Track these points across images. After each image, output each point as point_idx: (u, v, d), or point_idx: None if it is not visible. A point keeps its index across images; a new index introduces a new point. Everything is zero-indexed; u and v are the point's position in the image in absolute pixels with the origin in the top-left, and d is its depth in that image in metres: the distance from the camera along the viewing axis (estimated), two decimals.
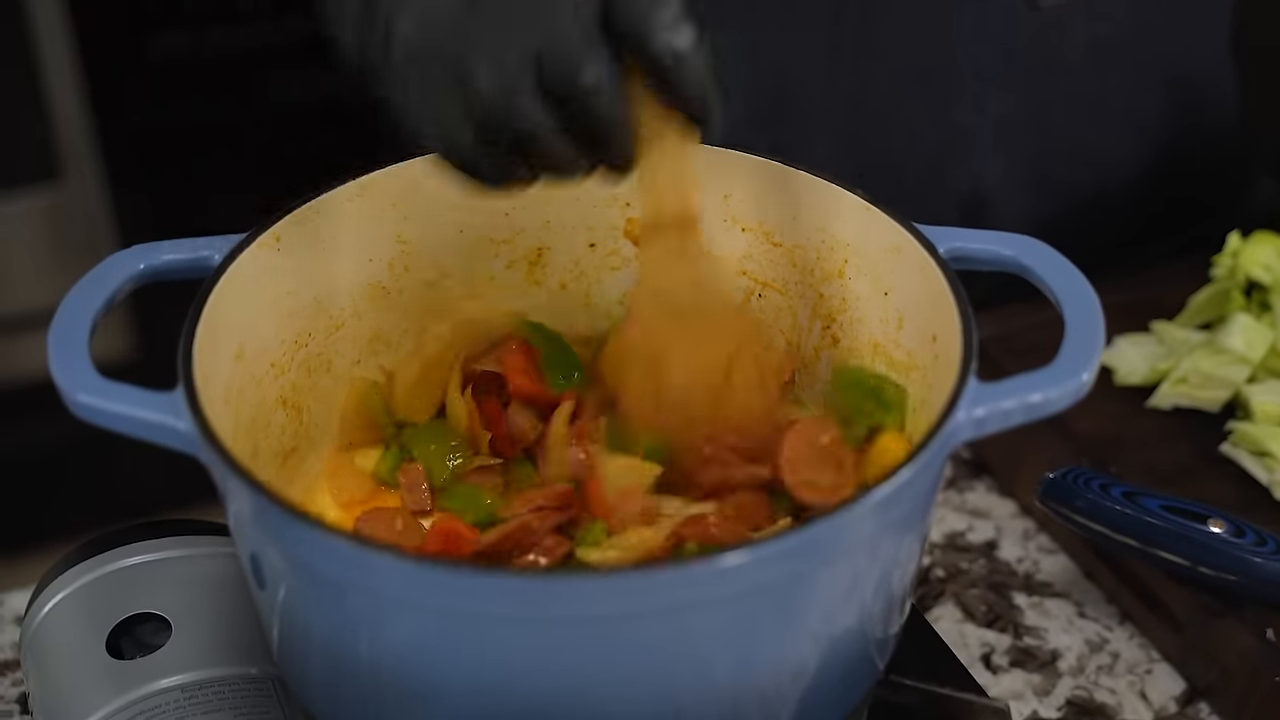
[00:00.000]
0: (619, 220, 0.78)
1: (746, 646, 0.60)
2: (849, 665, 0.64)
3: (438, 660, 0.59)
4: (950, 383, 0.63)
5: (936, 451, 0.60)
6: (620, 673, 0.59)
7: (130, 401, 0.61)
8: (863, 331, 0.74)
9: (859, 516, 0.58)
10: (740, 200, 0.76)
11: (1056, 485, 0.83)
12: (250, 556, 0.64)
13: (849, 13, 0.98)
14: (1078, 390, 0.62)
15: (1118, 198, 1.09)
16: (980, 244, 0.69)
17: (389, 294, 0.77)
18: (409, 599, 0.57)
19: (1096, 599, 0.87)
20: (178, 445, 0.61)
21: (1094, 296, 0.65)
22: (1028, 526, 0.92)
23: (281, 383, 0.73)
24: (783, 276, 0.77)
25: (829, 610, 0.61)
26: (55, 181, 2.05)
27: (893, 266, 0.71)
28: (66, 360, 0.63)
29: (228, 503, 0.63)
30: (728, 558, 0.55)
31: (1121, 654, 0.84)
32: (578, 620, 0.57)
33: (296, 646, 0.65)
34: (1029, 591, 0.88)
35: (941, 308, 0.66)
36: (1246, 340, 0.91)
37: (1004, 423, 0.61)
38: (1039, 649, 0.84)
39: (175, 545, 0.78)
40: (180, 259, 0.69)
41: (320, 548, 0.57)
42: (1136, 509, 0.81)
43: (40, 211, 2.08)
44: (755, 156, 0.75)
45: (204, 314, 0.65)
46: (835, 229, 0.73)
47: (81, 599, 0.75)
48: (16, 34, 1.93)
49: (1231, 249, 0.96)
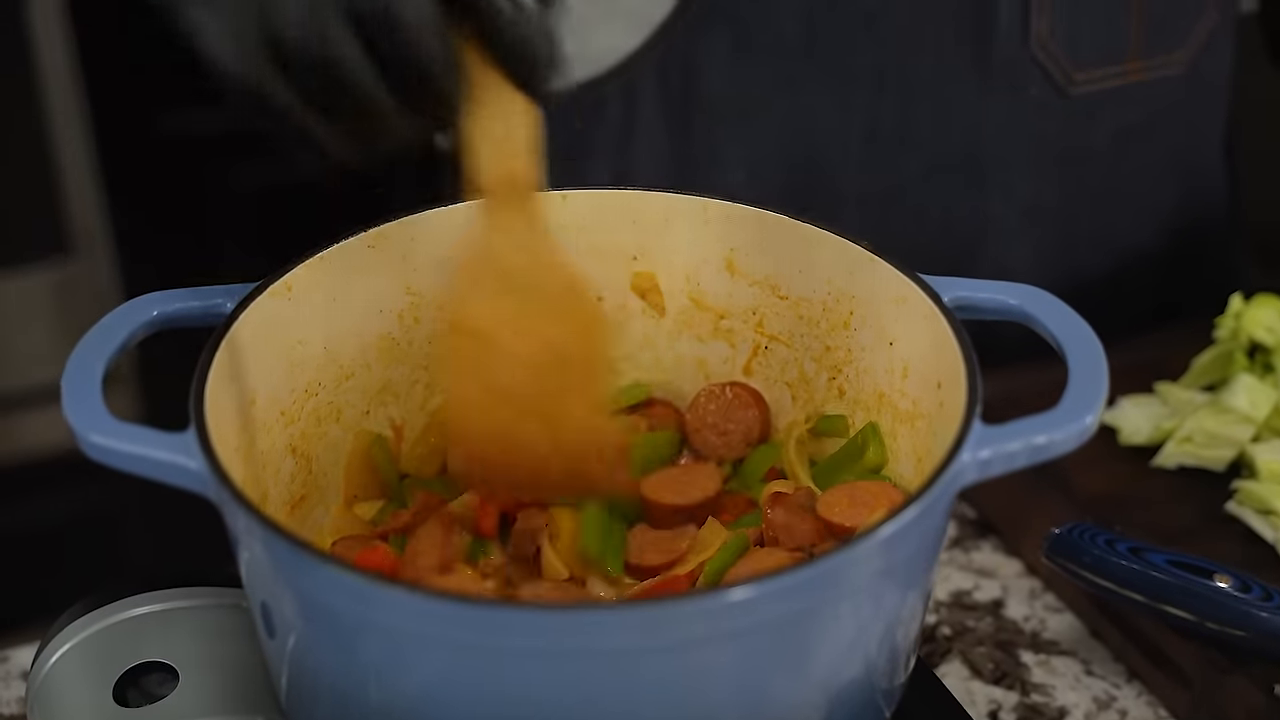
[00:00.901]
0: (626, 275, 0.79)
1: (754, 685, 0.60)
2: (855, 711, 0.64)
3: (449, 698, 0.59)
4: (956, 428, 0.63)
5: (942, 490, 0.60)
6: (633, 709, 0.59)
7: (143, 442, 0.62)
8: (868, 382, 0.75)
9: (866, 552, 0.58)
10: (746, 254, 0.77)
11: (1062, 541, 0.83)
12: (261, 604, 0.64)
13: (887, 102, 1.01)
14: (1081, 433, 0.62)
15: (1133, 283, 1.11)
16: (984, 293, 0.70)
17: (398, 345, 0.77)
18: (423, 633, 0.57)
19: (1103, 657, 0.87)
20: (189, 485, 0.62)
21: (1097, 342, 0.66)
22: (1034, 585, 0.92)
23: (291, 431, 0.73)
24: (789, 329, 0.77)
25: (836, 650, 0.61)
26: (65, 257, 2.07)
27: (898, 316, 0.72)
28: (80, 402, 0.63)
29: (238, 546, 0.63)
30: (736, 591, 0.55)
31: (1129, 711, 0.84)
32: (593, 653, 0.57)
33: (305, 693, 0.65)
34: (1036, 649, 0.88)
35: (946, 354, 0.67)
36: (1250, 400, 0.92)
37: (1008, 465, 0.62)
38: (1046, 706, 0.84)
39: (180, 596, 0.78)
40: (193, 306, 0.70)
41: (333, 583, 0.57)
42: (1142, 564, 0.81)
43: (50, 287, 2.10)
44: (760, 210, 0.76)
45: (216, 359, 0.66)
46: (841, 281, 0.74)
47: (87, 649, 0.75)
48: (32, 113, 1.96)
49: (1234, 311, 0.96)
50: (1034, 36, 0.99)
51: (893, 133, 1.02)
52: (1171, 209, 1.11)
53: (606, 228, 0.78)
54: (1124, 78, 1.03)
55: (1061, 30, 1.00)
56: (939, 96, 1.01)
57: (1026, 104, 1.02)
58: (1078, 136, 1.05)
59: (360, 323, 0.76)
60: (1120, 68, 1.03)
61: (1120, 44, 1.02)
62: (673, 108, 1.01)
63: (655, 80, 1.00)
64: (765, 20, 0.98)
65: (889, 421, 0.74)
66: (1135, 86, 1.04)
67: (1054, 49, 1.00)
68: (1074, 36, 1.01)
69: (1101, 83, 1.03)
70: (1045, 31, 0.99)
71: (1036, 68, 1.01)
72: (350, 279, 0.74)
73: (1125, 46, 1.02)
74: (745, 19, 0.98)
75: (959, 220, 1.05)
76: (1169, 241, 1.12)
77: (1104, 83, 1.03)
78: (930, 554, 0.64)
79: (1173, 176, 1.11)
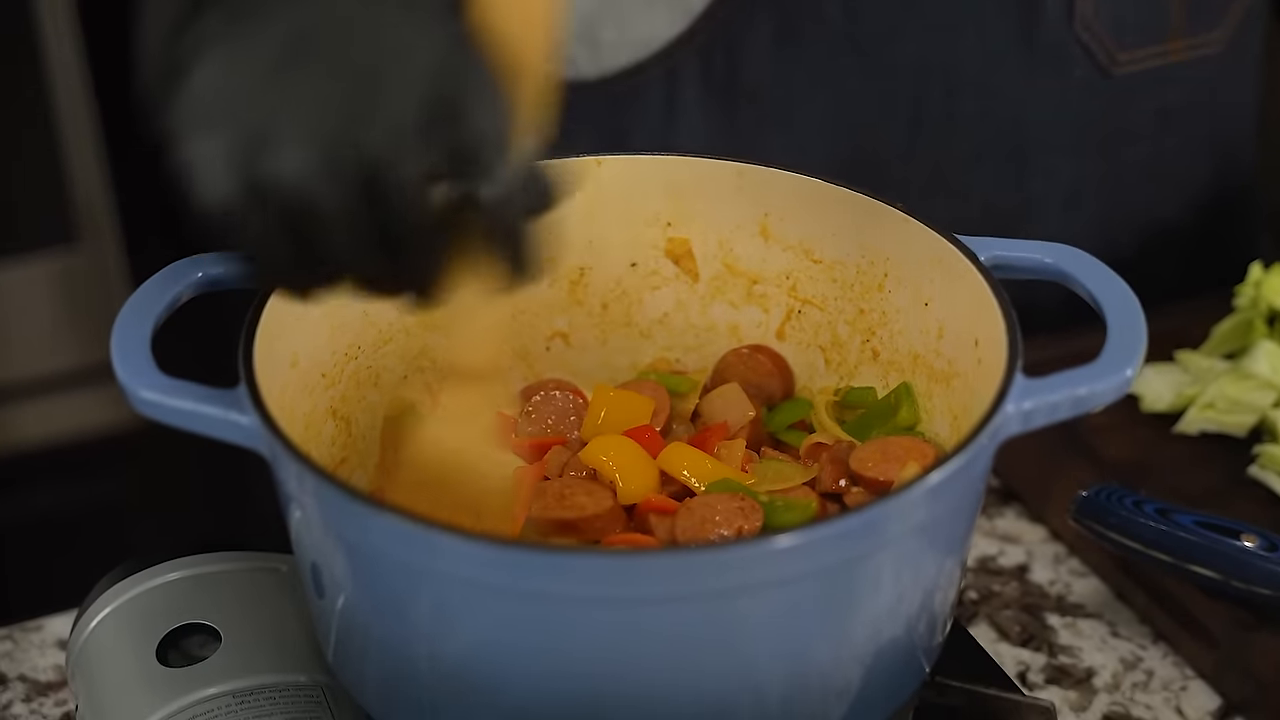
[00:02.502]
0: (661, 240, 0.80)
1: (803, 634, 0.61)
2: (898, 662, 0.65)
3: (500, 647, 0.60)
4: (996, 384, 0.64)
5: (988, 440, 0.61)
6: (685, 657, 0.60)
7: (193, 397, 0.62)
8: (902, 344, 0.76)
9: (912, 502, 0.59)
10: (779, 219, 0.78)
11: (1090, 503, 0.84)
12: (311, 564, 0.65)
13: (932, 89, 1.01)
14: (1121, 386, 0.63)
15: (1162, 259, 1.12)
16: (1021, 252, 0.71)
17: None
18: (479, 580, 0.58)
19: (1129, 619, 0.88)
20: (239, 440, 0.62)
21: (1133, 296, 0.67)
22: (1058, 550, 0.93)
23: (332, 394, 0.74)
24: (822, 293, 0.78)
25: (880, 602, 0.62)
26: (72, 245, 2.07)
27: (933, 277, 0.72)
28: (129, 360, 0.64)
29: (288, 504, 0.64)
30: (783, 539, 0.56)
31: (1156, 671, 0.85)
32: (654, 600, 0.58)
33: (355, 651, 0.66)
34: (1061, 613, 0.89)
35: (984, 312, 0.68)
36: (1272, 366, 0.93)
37: (1050, 416, 0.63)
38: (1074, 667, 0.85)
39: (217, 560, 0.79)
40: (233, 270, 0.70)
41: (389, 531, 0.58)
42: (1170, 525, 0.82)
43: (55, 275, 2.10)
44: (795, 174, 0.76)
45: (262, 318, 0.67)
46: (875, 243, 0.75)
47: (129, 613, 0.76)
48: (39, 99, 1.96)
49: (1254, 279, 0.97)
50: (1078, 18, 1.00)
51: (938, 119, 1.02)
52: (1203, 186, 1.12)
53: (641, 194, 0.79)
54: (1165, 58, 1.04)
55: (1106, 11, 1.01)
56: (984, 81, 1.02)
57: (1070, 87, 1.03)
58: (1119, 118, 1.05)
59: None
60: (1162, 47, 1.04)
61: (1163, 23, 1.03)
62: (714, 95, 1.01)
63: (697, 67, 1.01)
64: (807, 6, 0.98)
65: (923, 381, 0.75)
66: (1176, 66, 1.05)
67: (1099, 30, 1.01)
68: (1118, 17, 1.02)
69: (1144, 63, 1.04)
70: (1090, 12, 1.00)
71: (1081, 49, 1.01)
72: None
73: (1167, 26, 1.03)
74: (787, 5, 0.98)
75: (1001, 203, 1.06)
76: (1198, 218, 1.13)
77: (1146, 63, 1.04)
78: (971, 508, 0.65)
79: (1208, 155, 1.11)
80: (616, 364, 0.82)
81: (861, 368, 0.78)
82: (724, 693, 0.62)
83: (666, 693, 0.61)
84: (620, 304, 0.82)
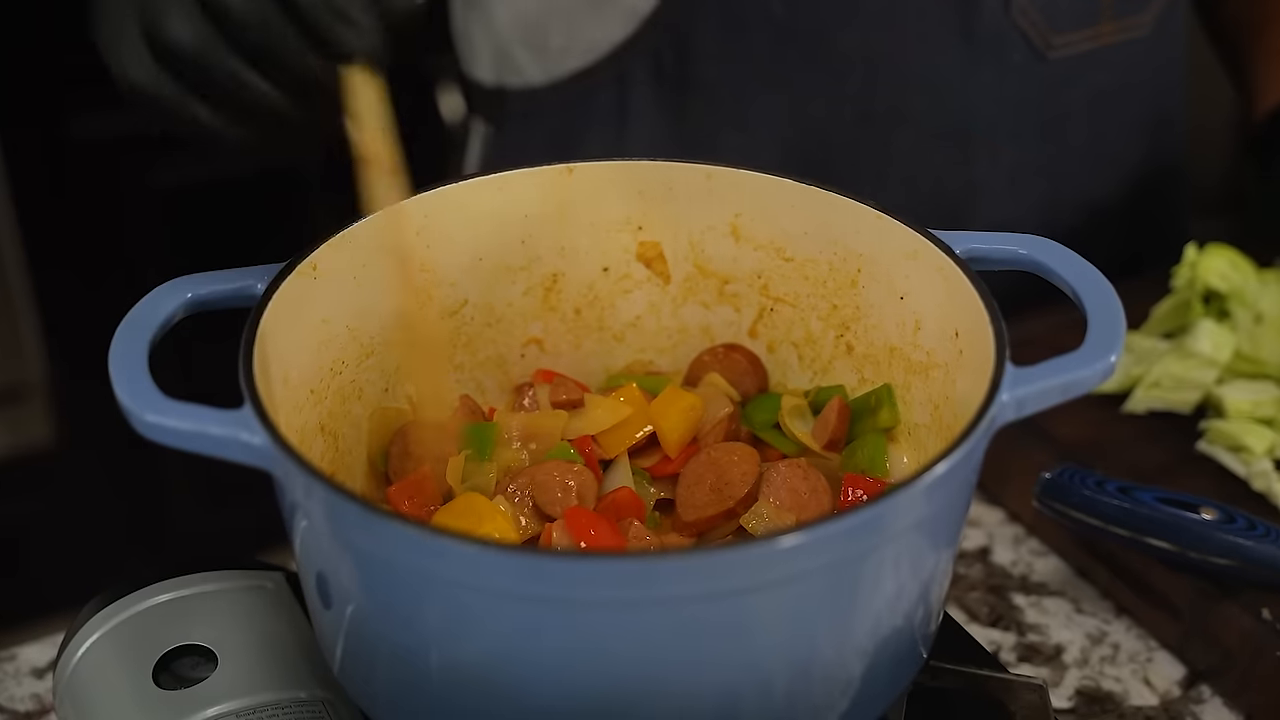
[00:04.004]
0: (632, 244, 0.81)
1: (810, 629, 0.62)
2: (900, 651, 0.67)
3: (511, 653, 0.60)
4: (981, 372, 0.66)
5: (983, 432, 0.63)
6: (695, 656, 0.61)
7: (200, 419, 0.62)
8: (878, 337, 0.77)
9: (916, 495, 0.61)
10: (751, 219, 0.79)
11: (1053, 484, 0.87)
12: (316, 575, 0.65)
13: (879, 80, 1.04)
14: (1106, 371, 0.66)
15: (1101, 237, 1.16)
16: (994, 244, 0.72)
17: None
18: (492, 588, 0.58)
19: (1091, 595, 0.91)
20: (249, 459, 0.62)
21: (1108, 284, 0.69)
22: (1017, 532, 0.96)
23: (320, 410, 0.74)
24: (795, 291, 0.80)
25: (884, 595, 0.63)
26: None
27: (908, 272, 0.74)
28: (131, 383, 0.64)
29: (294, 516, 0.64)
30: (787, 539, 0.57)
31: (1122, 645, 0.88)
32: (666, 601, 0.58)
33: (363, 662, 0.66)
34: (1026, 592, 0.91)
35: (964, 304, 0.70)
36: (1213, 344, 0.96)
37: (1041, 403, 0.65)
38: (1043, 644, 0.88)
39: (203, 581, 0.79)
40: (224, 288, 0.70)
41: (406, 541, 0.58)
42: (1131, 502, 0.85)
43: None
44: (765, 174, 0.78)
45: (257, 337, 0.67)
46: (848, 241, 0.77)
47: (120, 637, 0.76)
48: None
49: (1189, 260, 1.01)
50: (1015, 5, 1.03)
51: (884, 109, 1.05)
52: (1137, 164, 1.16)
53: (611, 199, 0.80)
54: (1097, 40, 1.08)
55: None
56: (927, 70, 1.04)
57: (1009, 72, 1.06)
58: (1056, 102, 1.09)
59: (378, 300, 0.77)
60: (1094, 30, 1.07)
61: (1093, 7, 1.07)
62: (665, 95, 1.03)
63: (648, 69, 1.02)
64: (751, 3, 1.00)
65: (901, 374, 0.76)
66: (1107, 50, 1.09)
67: (1034, 15, 1.04)
68: (1051, 3, 1.05)
69: (1077, 46, 1.07)
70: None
71: (1019, 35, 1.05)
72: (369, 257, 0.75)
73: (1097, 10, 1.07)
74: (731, 4, 1.00)
75: (948, 187, 1.09)
76: (1134, 196, 1.17)
77: (1079, 46, 1.07)
78: (967, 498, 0.67)
79: (1141, 134, 1.16)
80: (590, 368, 0.84)
81: (836, 363, 0.80)
82: (732, 688, 0.63)
83: (677, 690, 0.62)
84: (593, 309, 0.83)
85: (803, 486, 0.74)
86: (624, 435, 0.77)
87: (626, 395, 0.78)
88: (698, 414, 0.78)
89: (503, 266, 0.80)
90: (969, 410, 0.68)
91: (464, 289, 0.80)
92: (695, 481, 0.75)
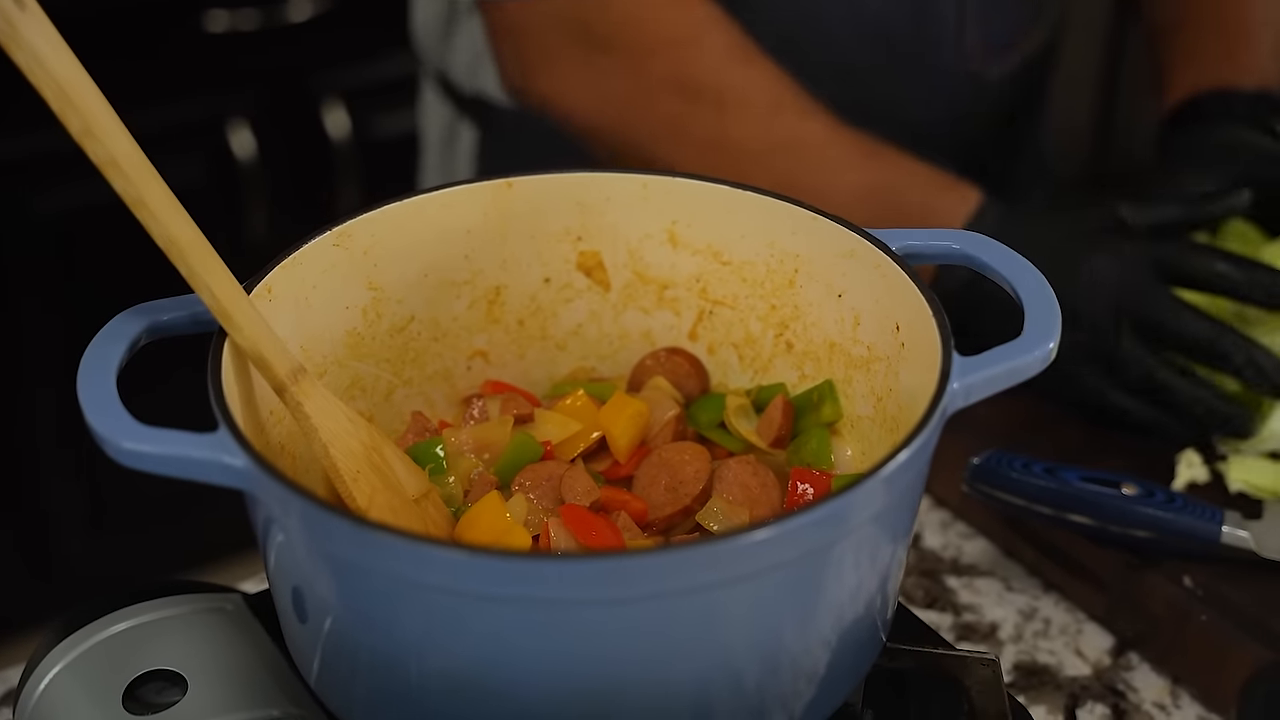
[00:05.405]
0: (572, 254, 0.83)
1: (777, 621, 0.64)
2: (861, 638, 0.69)
3: (497, 656, 0.62)
4: (926, 363, 0.69)
5: (938, 420, 0.66)
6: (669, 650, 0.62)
7: (179, 444, 0.63)
8: (817, 334, 0.80)
9: (877, 486, 0.63)
10: (688, 225, 0.82)
11: (982, 469, 0.90)
12: (292, 590, 0.66)
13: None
14: (1046, 357, 0.69)
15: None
16: (930, 240, 0.76)
17: (363, 341, 0.80)
18: (474, 591, 0.59)
19: (1020, 573, 0.95)
20: (228, 481, 0.63)
21: (1040, 276, 0.72)
22: (944, 517, 0.99)
23: (279, 431, 0.75)
24: (733, 293, 0.82)
25: (850, 582, 0.66)
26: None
27: (845, 270, 0.77)
28: (102, 411, 0.64)
29: (269, 532, 0.65)
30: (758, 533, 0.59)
31: (1052, 619, 0.92)
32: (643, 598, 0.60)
33: (343, 670, 0.67)
34: (958, 574, 0.95)
35: (904, 299, 0.73)
36: None
37: (988, 389, 0.68)
38: (978, 623, 0.91)
39: (162, 606, 0.79)
40: (181, 315, 0.71)
41: (387, 549, 0.59)
42: (1057, 481, 0.89)
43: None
44: (699, 180, 0.80)
45: (223, 362, 0.68)
46: (784, 242, 0.79)
47: (85, 665, 0.76)
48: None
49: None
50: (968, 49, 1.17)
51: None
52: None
53: (551, 211, 0.82)
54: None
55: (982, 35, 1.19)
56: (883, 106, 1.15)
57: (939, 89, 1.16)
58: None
59: (329, 320, 0.78)
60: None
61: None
62: None
63: None
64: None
65: (842, 369, 0.79)
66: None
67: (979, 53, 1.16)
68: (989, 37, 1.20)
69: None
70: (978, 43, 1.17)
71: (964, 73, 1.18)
72: (319, 278, 0.76)
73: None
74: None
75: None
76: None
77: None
78: (921, 482, 0.70)
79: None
80: (534, 377, 0.85)
81: (776, 361, 0.82)
82: (704, 681, 0.65)
83: (655, 688, 0.64)
84: (536, 319, 0.84)
85: (753, 482, 0.77)
86: (575, 443, 0.79)
87: (576, 402, 0.80)
88: (645, 419, 0.80)
89: (447, 281, 0.82)
90: (915, 400, 0.71)
91: (410, 305, 0.81)
92: (650, 483, 0.77)
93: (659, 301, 0.84)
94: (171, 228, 0.65)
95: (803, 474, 0.76)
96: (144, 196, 0.64)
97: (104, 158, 0.63)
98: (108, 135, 0.63)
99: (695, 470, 0.77)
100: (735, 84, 1.09)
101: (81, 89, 0.62)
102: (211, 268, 0.67)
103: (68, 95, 0.62)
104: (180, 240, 0.66)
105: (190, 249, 0.66)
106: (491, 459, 0.78)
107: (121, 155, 0.64)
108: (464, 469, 0.78)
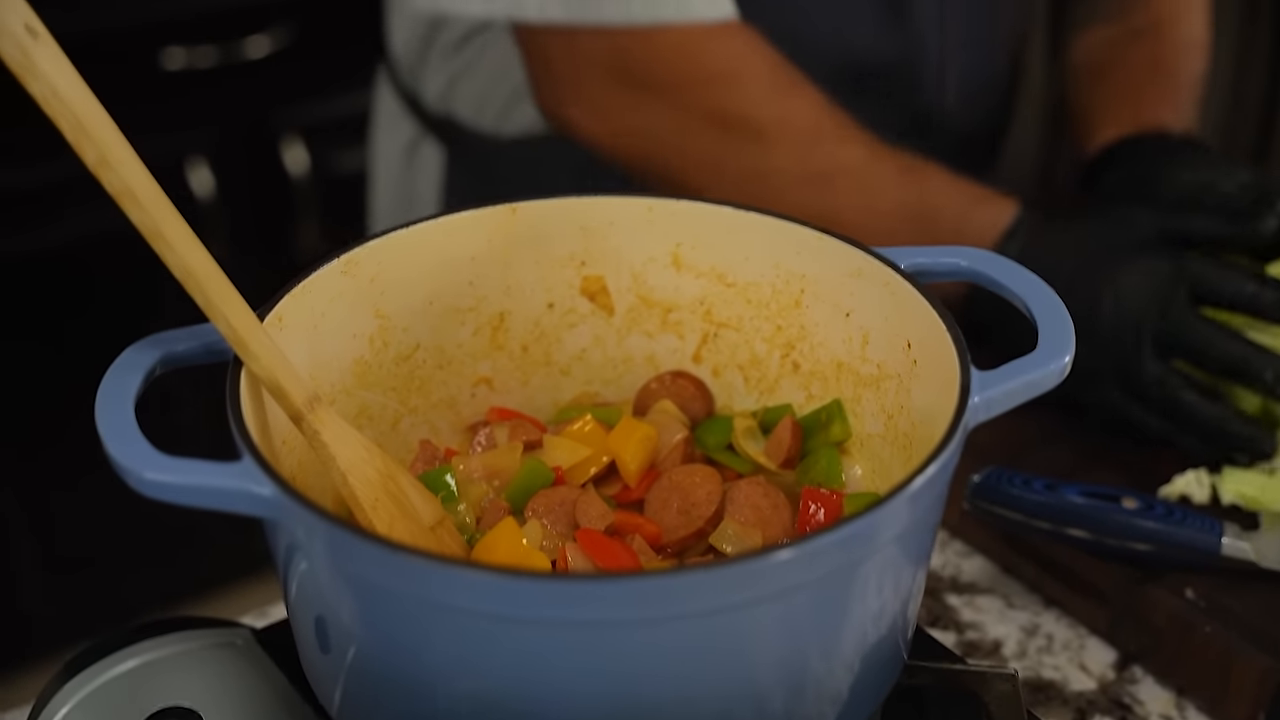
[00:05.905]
0: (576, 279, 0.83)
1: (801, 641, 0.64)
2: (884, 657, 0.69)
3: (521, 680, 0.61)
4: (941, 379, 0.69)
5: (961, 434, 0.66)
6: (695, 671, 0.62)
7: (203, 474, 0.62)
8: (824, 354, 0.80)
9: (902, 504, 0.63)
10: (692, 247, 0.82)
11: (982, 487, 0.91)
12: (315, 619, 0.66)
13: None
14: (1061, 371, 0.69)
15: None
16: (938, 258, 0.76)
17: (370, 369, 0.79)
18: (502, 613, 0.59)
19: (1020, 590, 0.95)
20: (255, 511, 0.63)
21: (1050, 290, 0.73)
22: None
23: (291, 460, 0.74)
24: (738, 315, 0.83)
25: (875, 601, 0.66)
26: None
27: (853, 289, 0.77)
28: (124, 443, 0.63)
29: (291, 561, 0.64)
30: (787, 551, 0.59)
31: (1055, 635, 0.92)
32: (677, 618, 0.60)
33: (367, 699, 0.66)
34: (958, 591, 0.95)
35: (915, 315, 0.73)
36: None
37: (1007, 403, 0.68)
38: (982, 640, 0.91)
39: (171, 642, 0.78)
40: (194, 346, 0.70)
41: (416, 573, 0.59)
42: (1057, 497, 0.90)
43: None
44: (702, 203, 0.81)
45: (241, 392, 0.67)
46: (790, 263, 0.80)
47: (98, 703, 0.75)
48: None
49: None
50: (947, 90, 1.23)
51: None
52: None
53: (555, 236, 0.82)
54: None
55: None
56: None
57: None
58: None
59: (337, 349, 0.77)
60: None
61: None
62: None
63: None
64: None
65: (850, 387, 0.80)
66: None
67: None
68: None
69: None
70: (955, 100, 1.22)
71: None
72: (327, 306, 0.76)
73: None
74: None
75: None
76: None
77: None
78: (943, 500, 0.70)
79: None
80: (539, 403, 0.85)
81: (782, 381, 0.83)
82: (730, 700, 0.65)
83: (681, 705, 0.64)
84: (540, 345, 0.84)
85: (764, 503, 0.77)
86: (586, 467, 0.79)
87: (585, 427, 0.80)
88: (653, 443, 0.80)
89: (452, 308, 0.82)
90: (930, 416, 0.72)
91: (416, 333, 0.81)
92: (662, 506, 0.77)
93: (663, 325, 0.84)
94: (188, 258, 0.65)
95: (813, 494, 0.76)
96: (160, 227, 0.64)
97: (120, 188, 0.63)
98: (123, 166, 0.63)
99: (707, 492, 0.77)
100: (775, 115, 1.10)
101: (96, 119, 0.62)
102: (227, 297, 0.66)
103: (83, 126, 0.61)
104: (197, 271, 0.65)
105: (207, 279, 0.65)
106: (502, 485, 0.78)
107: (137, 186, 0.63)
108: (475, 496, 0.77)
